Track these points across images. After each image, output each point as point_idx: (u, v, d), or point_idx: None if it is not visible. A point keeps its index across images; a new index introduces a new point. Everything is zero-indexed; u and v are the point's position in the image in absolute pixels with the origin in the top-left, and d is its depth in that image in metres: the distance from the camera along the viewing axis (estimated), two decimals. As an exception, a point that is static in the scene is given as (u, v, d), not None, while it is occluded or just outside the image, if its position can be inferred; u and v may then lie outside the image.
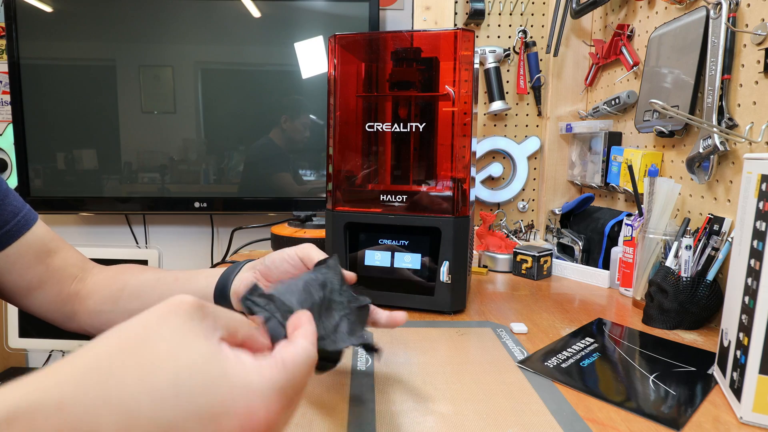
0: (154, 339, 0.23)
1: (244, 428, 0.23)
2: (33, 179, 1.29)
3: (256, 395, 0.23)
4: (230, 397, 0.22)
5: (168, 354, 0.22)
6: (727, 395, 0.47)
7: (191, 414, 0.22)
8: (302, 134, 1.30)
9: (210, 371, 0.23)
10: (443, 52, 0.71)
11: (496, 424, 0.42)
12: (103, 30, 1.25)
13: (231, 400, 0.22)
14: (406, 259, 0.72)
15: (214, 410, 0.22)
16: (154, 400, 0.21)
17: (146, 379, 0.21)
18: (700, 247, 0.66)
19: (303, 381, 0.27)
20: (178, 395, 0.22)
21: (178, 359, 0.22)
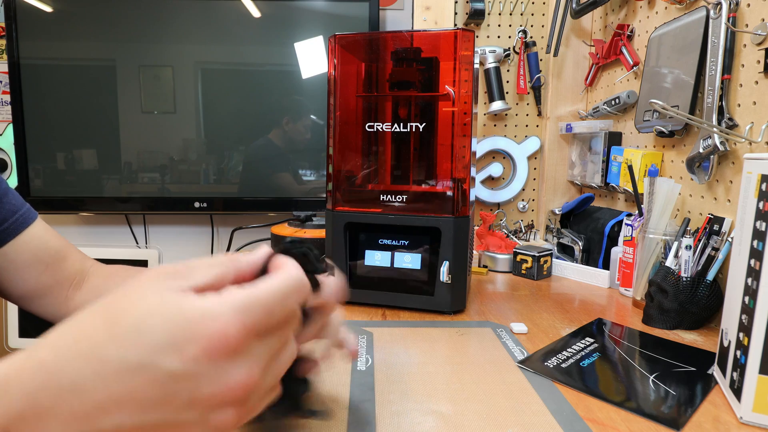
0: (120, 298, 0.25)
1: (208, 351, 0.23)
2: (33, 179, 1.29)
3: (214, 317, 0.24)
4: (190, 326, 0.24)
5: (130, 305, 0.25)
6: (727, 395, 0.47)
7: (154, 350, 0.23)
8: (303, 135, 1.30)
9: (168, 309, 0.24)
10: (443, 52, 0.71)
11: (496, 424, 0.42)
12: (103, 30, 1.25)
13: (191, 327, 0.23)
14: (406, 259, 0.72)
15: (175, 341, 0.23)
16: (120, 343, 0.23)
17: (112, 329, 0.24)
18: (700, 247, 0.66)
19: (277, 301, 0.26)
20: (140, 336, 0.23)
21: (139, 307, 0.24)
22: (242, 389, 0.25)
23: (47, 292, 0.56)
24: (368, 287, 0.73)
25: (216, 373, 0.24)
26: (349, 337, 0.41)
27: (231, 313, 0.24)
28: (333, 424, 0.42)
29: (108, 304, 0.25)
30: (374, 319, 0.68)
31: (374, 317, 0.69)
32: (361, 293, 0.73)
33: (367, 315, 0.70)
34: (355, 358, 0.42)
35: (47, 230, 0.57)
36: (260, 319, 0.25)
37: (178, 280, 0.26)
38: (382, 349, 0.58)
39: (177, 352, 0.23)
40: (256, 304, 0.25)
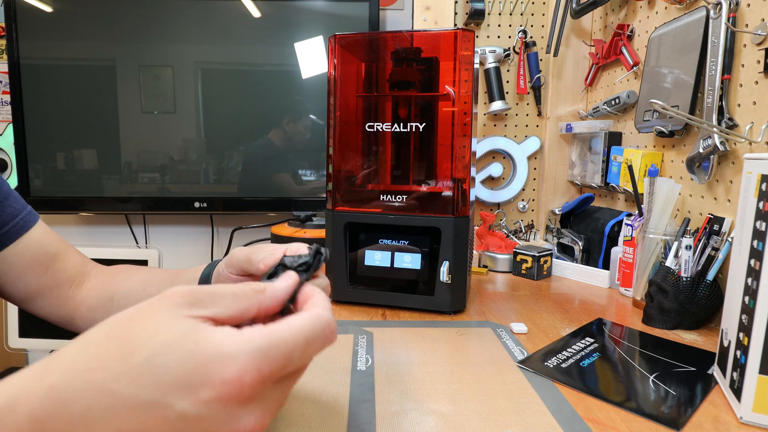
0: (136, 324, 0.24)
1: (221, 396, 0.23)
2: (33, 179, 1.29)
3: (230, 360, 0.23)
4: (205, 368, 0.23)
5: (146, 335, 0.23)
6: (727, 395, 0.47)
7: (168, 389, 0.22)
8: (303, 135, 1.30)
9: (185, 346, 0.23)
10: (443, 52, 0.71)
11: (496, 424, 0.42)
12: (103, 30, 1.25)
13: (206, 370, 0.23)
14: (406, 259, 0.72)
15: (190, 382, 0.22)
16: (133, 379, 0.22)
17: (126, 359, 0.23)
18: (700, 247, 0.66)
19: (298, 348, 0.25)
20: (154, 372, 0.22)
21: (155, 339, 0.23)
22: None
23: (48, 293, 0.56)
24: (368, 287, 0.73)
25: (227, 418, 0.23)
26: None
27: (249, 357, 0.23)
28: (333, 424, 0.42)
29: (124, 328, 0.24)
30: (374, 319, 0.68)
31: (374, 317, 0.69)
32: (361, 293, 0.73)
33: (367, 315, 0.70)
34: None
35: (48, 232, 0.57)
36: (279, 366, 0.24)
37: (198, 309, 0.25)
38: (382, 349, 0.58)
39: (190, 394, 0.23)
40: (276, 349, 0.24)
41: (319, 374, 0.51)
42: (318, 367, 0.52)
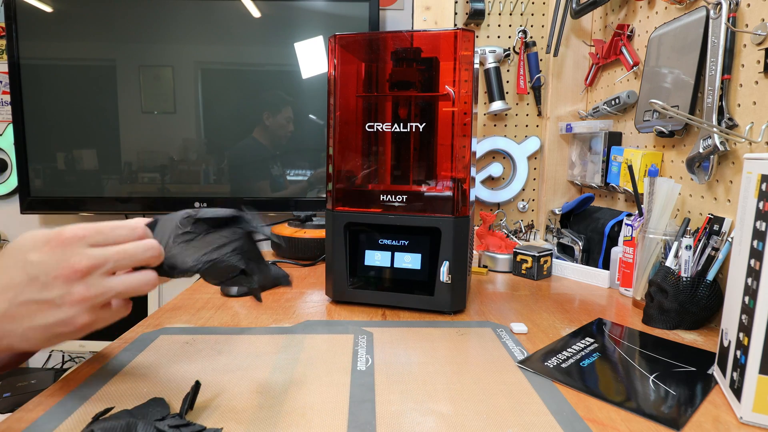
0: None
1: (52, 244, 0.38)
2: (33, 179, 1.29)
3: (62, 229, 0.39)
4: (46, 234, 0.38)
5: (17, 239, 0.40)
6: (727, 395, 0.47)
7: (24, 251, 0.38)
8: (296, 131, 1.30)
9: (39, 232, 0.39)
10: (443, 52, 0.71)
11: (496, 424, 0.42)
12: (103, 30, 1.25)
13: (46, 235, 0.38)
14: (406, 259, 0.72)
15: (36, 244, 0.38)
16: (5, 255, 0.39)
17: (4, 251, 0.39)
18: (700, 247, 0.66)
19: (108, 226, 0.40)
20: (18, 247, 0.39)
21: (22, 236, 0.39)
22: (77, 270, 0.37)
23: None
24: (368, 287, 0.73)
25: (59, 258, 0.37)
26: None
27: (72, 226, 0.39)
28: (333, 424, 0.42)
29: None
30: (374, 319, 0.68)
31: (374, 317, 0.69)
32: (361, 293, 0.73)
33: (367, 315, 0.70)
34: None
35: None
36: (91, 233, 0.39)
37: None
38: (382, 349, 0.58)
39: (37, 249, 0.38)
40: (91, 225, 0.39)
41: (319, 374, 0.51)
42: (318, 367, 0.52)
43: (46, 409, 0.43)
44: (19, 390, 1.29)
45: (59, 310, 0.38)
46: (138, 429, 0.36)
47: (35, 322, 0.38)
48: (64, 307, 0.38)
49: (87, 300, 0.38)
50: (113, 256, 0.39)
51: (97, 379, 0.48)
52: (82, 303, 0.38)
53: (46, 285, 0.37)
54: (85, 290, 0.38)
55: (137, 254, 0.40)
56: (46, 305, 0.37)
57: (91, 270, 0.38)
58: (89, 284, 0.38)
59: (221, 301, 0.75)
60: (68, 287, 0.37)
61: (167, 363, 0.53)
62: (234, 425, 0.41)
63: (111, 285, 0.39)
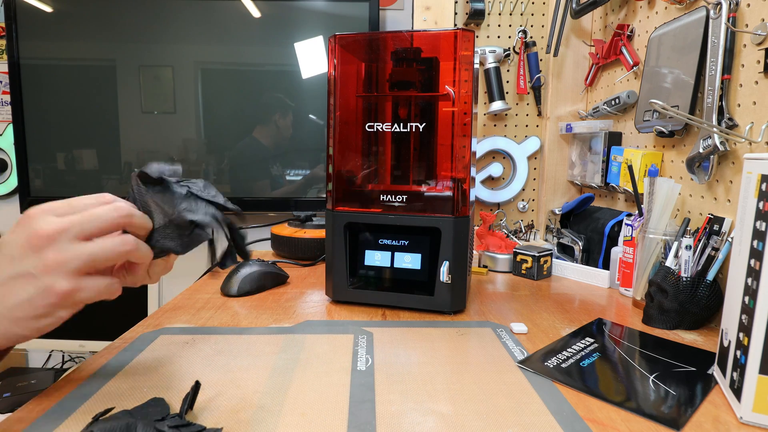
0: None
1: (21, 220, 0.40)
2: (33, 179, 1.29)
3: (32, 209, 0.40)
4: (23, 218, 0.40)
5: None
6: (727, 395, 0.47)
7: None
8: (296, 131, 1.30)
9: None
10: (443, 52, 0.71)
11: (496, 424, 0.42)
12: (103, 30, 1.25)
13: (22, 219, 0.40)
14: (406, 259, 0.72)
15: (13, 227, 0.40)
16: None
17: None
18: (700, 247, 0.66)
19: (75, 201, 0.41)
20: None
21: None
22: (42, 235, 0.38)
23: None
24: (368, 287, 0.73)
25: (25, 230, 0.38)
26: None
27: (42, 205, 0.40)
28: (333, 424, 0.42)
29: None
30: (374, 319, 0.68)
31: (374, 317, 0.69)
32: (361, 293, 0.73)
33: (367, 315, 0.70)
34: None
35: None
36: (56, 205, 0.40)
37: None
38: (382, 349, 0.58)
39: (10, 232, 0.39)
40: (60, 201, 0.41)
41: (319, 374, 0.51)
42: (318, 367, 0.52)
43: (46, 409, 0.43)
44: (19, 390, 1.29)
45: (37, 279, 0.37)
46: (138, 429, 0.36)
47: (16, 298, 0.38)
48: (40, 276, 0.37)
49: (60, 264, 0.38)
50: (78, 218, 0.39)
51: (97, 379, 0.48)
52: (57, 268, 0.37)
53: (17, 258, 0.38)
54: (56, 254, 0.37)
55: (104, 215, 0.40)
56: (23, 278, 0.37)
57: (57, 234, 0.38)
58: (59, 248, 0.38)
59: (221, 301, 0.75)
60: (39, 254, 0.37)
61: (167, 363, 0.53)
62: (234, 425, 0.41)
63: (84, 248, 0.39)
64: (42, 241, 0.38)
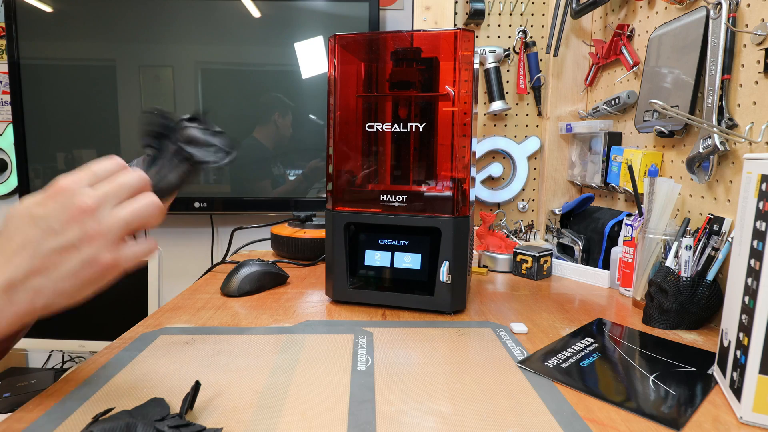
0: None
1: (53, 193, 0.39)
2: (33, 179, 1.29)
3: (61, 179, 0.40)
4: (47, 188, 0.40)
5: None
6: (727, 395, 0.47)
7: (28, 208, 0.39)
8: (296, 131, 1.30)
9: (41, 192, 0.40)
10: (443, 52, 0.71)
11: (496, 424, 0.42)
12: (103, 30, 1.25)
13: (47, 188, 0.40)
14: (406, 259, 0.72)
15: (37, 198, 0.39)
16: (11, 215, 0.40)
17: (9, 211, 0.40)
18: (700, 247, 0.66)
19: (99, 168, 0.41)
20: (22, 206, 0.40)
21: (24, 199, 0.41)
22: (86, 209, 0.39)
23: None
24: (368, 287, 0.73)
25: (64, 203, 0.39)
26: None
27: (64, 175, 0.40)
28: (333, 424, 0.42)
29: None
30: (374, 319, 0.68)
31: (374, 317, 0.69)
32: (361, 293, 0.73)
33: (367, 315, 0.70)
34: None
35: None
36: (84, 175, 0.40)
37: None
38: (382, 349, 0.58)
39: (38, 205, 0.39)
40: (81, 170, 0.41)
41: (319, 374, 0.51)
42: (318, 367, 0.52)
43: (46, 409, 0.43)
44: (19, 390, 1.29)
45: (80, 251, 0.39)
46: (138, 429, 0.36)
47: (62, 270, 0.38)
48: (84, 248, 0.39)
49: (103, 235, 0.39)
50: (113, 188, 0.41)
51: (97, 379, 0.48)
52: (100, 239, 0.39)
53: (60, 231, 0.38)
54: (98, 225, 0.39)
55: (131, 182, 0.42)
56: (67, 250, 0.38)
57: (98, 205, 0.39)
58: (100, 220, 0.39)
59: (221, 301, 0.75)
60: (82, 227, 0.39)
61: (167, 363, 0.53)
62: (234, 425, 0.41)
63: (120, 215, 0.40)
64: (84, 214, 0.39)
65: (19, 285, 0.38)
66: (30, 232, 0.38)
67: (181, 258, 1.45)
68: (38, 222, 0.38)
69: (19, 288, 0.38)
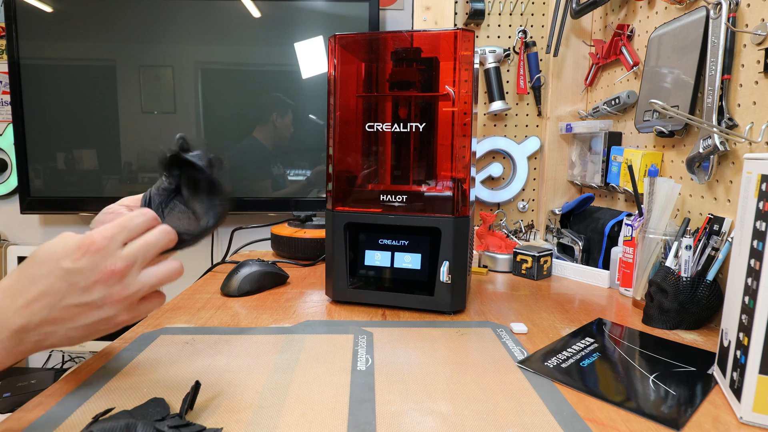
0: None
1: (84, 250, 0.39)
2: (33, 179, 1.29)
3: (91, 234, 0.41)
4: (77, 241, 0.40)
5: (44, 245, 0.41)
6: (727, 395, 0.47)
7: (56, 259, 0.39)
8: (296, 131, 1.30)
9: (67, 237, 0.41)
10: (443, 52, 0.71)
11: (496, 424, 0.42)
12: (103, 30, 1.25)
13: (76, 242, 0.40)
14: (406, 259, 0.72)
15: (67, 251, 0.39)
16: (35, 263, 0.40)
17: (32, 257, 0.40)
18: (700, 247, 0.66)
19: (127, 222, 0.42)
20: (48, 255, 0.40)
21: (50, 242, 0.40)
22: (116, 273, 0.40)
23: None
24: (368, 287, 0.73)
25: (95, 263, 0.39)
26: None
27: (99, 230, 0.41)
28: (333, 424, 0.42)
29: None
30: (374, 319, 0.68)
31: (374, 317, 0.69)
32: (361, 293, 0.73)
33: (367, 315, 0.70)
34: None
35: None
36: (117, 231, 0.41)
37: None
38: (382, 349, 0.58)
39: (69, 257, 0.39)
40: (114, 224, 0.41)
41: (319, 374, 0.51)
42: (318, 367, 0.52)
43: (46, 409, 0.43)
44: (19, 390, 1.29)
45: (101, 310, 0.40)
46: (138, 429, 0.36)
47: (77, 323, 0.40)
48: (105, 308, 0.40)
49: (127, 299, 0.41)
50: (141, 251, 0.42)
51: (97, 380, 0.48)
52: (123, 302, 0.41)
53: (86, 289, 0.39)
54: (123, 289, 0.40)
55: (159, 243, 0.43)
56: (88, 307, 0.40)
57: (127, 270, 0.41)
58: (126, 284, 0.41)
59: (221, 301, 0.75)
60: (108, 289, 0.40)
61: (167, 363, 0.53)
62: (234, 425, 0.41)
63: (145, 280, 0.42)
64: (113, 278, 0.40)
65: (32, 330, 0.39)
66: (56, 283, 0.39)
67: (180, 258, 1.45)
68: (66, 276, 0.39)
69: (32, 332, 0.39)
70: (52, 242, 0.41)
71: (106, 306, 0.40)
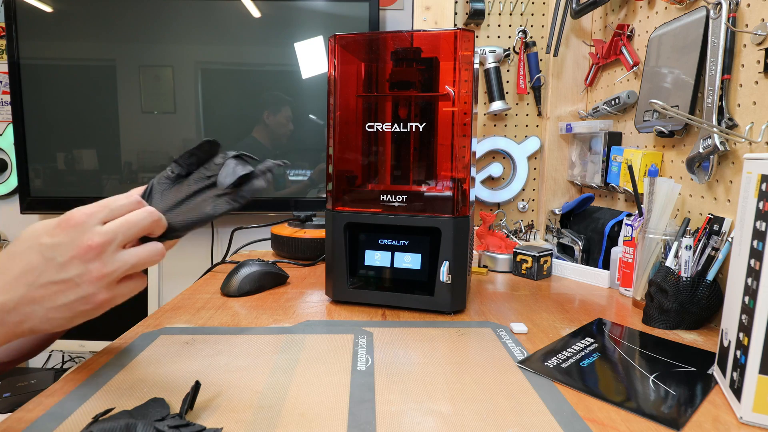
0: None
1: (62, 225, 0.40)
2: (33, 179, 1.29)
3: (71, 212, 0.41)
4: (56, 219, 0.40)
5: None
6: (727, 395, 0.47)
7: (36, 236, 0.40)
8: (296, 131, 1.30)
9: (49, 220, 0.41)
10: (443, 52, 0.71)
11: (496, 424, 0.42)
12: (103, 30, 1.25)
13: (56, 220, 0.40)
14: (406, 259, 0.72)
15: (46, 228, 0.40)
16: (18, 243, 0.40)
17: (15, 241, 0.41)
18: (700, 247, 0.66)
19: (107, 200, 0.42)
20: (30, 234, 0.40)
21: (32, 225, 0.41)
22: (93, 247, 0.39)
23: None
24: (368, 287, 0.73)
25: (73, 238, 0.39)
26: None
27: (79, 207, 0.41)
28: (333, 424, 0.42)
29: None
30: (374, 319, 0.68)
31: (374, 317, 0.69)
32: (361, 293, 0.73)
33: (367, 315, 0.70)
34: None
35: None
36: (97, 209, 0.41)
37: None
38: (382, 349, 0.58)
39: (48, 233, 0.39)
40: (95, 203, 0.41)
41: (319, 374, 0.51)
42: (318, 367, 0.52)
43: (46, 409, 0.43)
44: (19, 390, 1.29)
45: (79, 288, 0.39)
46: (138, 429, 0.36)
47: (56, 302, 0.39)
48: (83, 285, 0.39)
49: (105, 276, 0.40)
50: (121, 228, 0.41)
51: (97, 380, 0.48)
52: (101, 280, 0.40)
53: (63, 265, 0.39)
54: (101, 266, 0.39)
55: (141, 222, 0.42)
56: (65, 285, 0.39)
57: (105, 246, 0.40)
58: (104, 261, 0.40)
59: (221, 301, 0.75)
60: (85, 265, 0.39)
61: (167, 363, 0.53)
62: (234, 425, 0.41)
63: (125, 259, 0.41)
64: (90, 252, 0.39)
65: (12, 310, 0.38)
66: (34, 259, 0.39)
67: (181, 258, 1.45)
68: (44, 251, 0.39)
69: (12, 312, 0.38)
70: (33, 224, 0.41)
71: (84, 284, 0.39)
